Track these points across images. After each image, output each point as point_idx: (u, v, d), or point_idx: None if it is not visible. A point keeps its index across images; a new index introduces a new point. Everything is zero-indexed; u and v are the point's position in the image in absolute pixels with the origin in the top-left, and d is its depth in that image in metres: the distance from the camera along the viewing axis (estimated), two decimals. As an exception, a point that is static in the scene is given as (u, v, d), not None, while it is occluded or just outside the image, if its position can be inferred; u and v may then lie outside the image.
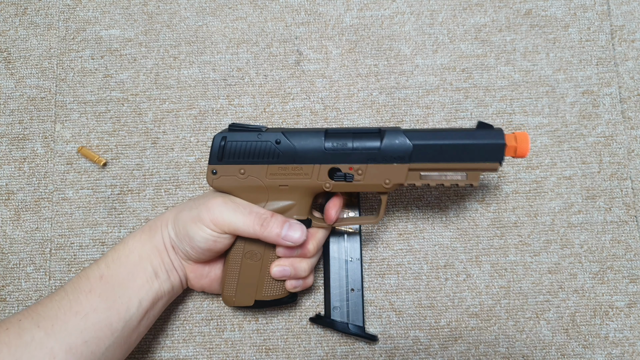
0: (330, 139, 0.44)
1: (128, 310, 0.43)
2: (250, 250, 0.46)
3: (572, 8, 0.57)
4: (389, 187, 0.44)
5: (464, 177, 0.44)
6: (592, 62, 0.56)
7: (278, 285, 0.47)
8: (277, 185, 0.45)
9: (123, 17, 0.58)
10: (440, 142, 0.43)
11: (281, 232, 0.44)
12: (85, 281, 0.43)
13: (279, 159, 0.44)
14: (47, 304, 0.41)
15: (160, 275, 0.45)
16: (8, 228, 0.55)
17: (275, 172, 0.45)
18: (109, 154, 0.55)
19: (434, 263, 0.53)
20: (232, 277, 0.47)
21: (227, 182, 0.45)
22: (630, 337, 0.51)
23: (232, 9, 0.58)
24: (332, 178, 0.45)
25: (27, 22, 0.58)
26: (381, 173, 0.44)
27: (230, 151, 0.45)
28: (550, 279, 0.53)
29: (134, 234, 0.46)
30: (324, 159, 0.44)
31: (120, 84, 0.57)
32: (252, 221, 0.43)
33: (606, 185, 0.54)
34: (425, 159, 0.43)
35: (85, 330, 0.40)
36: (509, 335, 0.52)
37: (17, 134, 0.56)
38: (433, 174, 0.44)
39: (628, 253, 0.53)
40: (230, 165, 0.45)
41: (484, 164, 0.43)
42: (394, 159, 0.44)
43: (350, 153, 0.44)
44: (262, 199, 0.45)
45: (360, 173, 0.44)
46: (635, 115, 0.56)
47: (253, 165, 0.45)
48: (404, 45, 0.57)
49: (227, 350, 0.52)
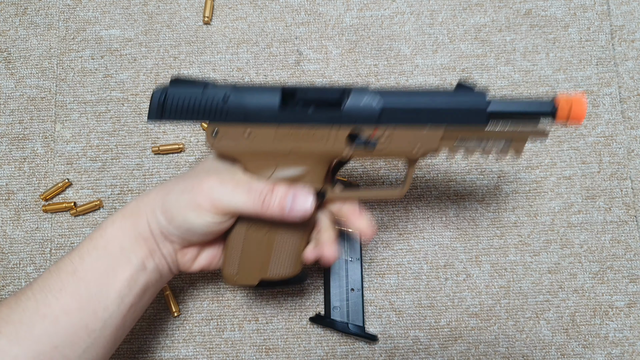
0: (288, 95, 0.39)
1: (106, 309, 0.38)
2: (256, 222, 0.41)
3: (572, 8, 0.57)
4: (418, 155, 0.39)
5: (507, 146, 0.39)
6: (592, 62, 0.56)
7: (287, 263, 0.42)
8: (287, 150, 0.39)
9: (123, 17, 0.58)
10: (413, 106, 0.38)
11: (285, 207, 0.38)
12: (56, 278, 0.38)
13: (226, 118, 0.39)
14: (12, 305, 0.37)
15: (147, 267, 0.39)
16: (8, 228, 0.55)
17: (285, 134, 0.39)
18: (109, 154, 0.55)
19: (434, 263, 0.53)
20: (235, 253, 0.42)
21: (230, 145, 0.39)
22: (630, 337, 0.51)
23: (232, 9, 0.58)
24: (351, 145, 0.39)
25: (27, 22, 0.58)
26: (410, 139, 0.38)
27: (172, 107, 0.39)
28: (550, 279, 0.53)
29: (112, 220, 0.40)
30: (280, 118, 0.38)
31: (120, 84, 0.57)
32: (253, 200, 0.38)
33: (606, 185, 0.54)
34: (397, 121, 0.38)
35: (56, 335, 0.36)
36: (509, 335, 0.52)
37: (17, 134, 0.56)
38: (470, 143, 0.39)
39: (628, 253, 0.53)
40: (234, 126, 0.39)
41: (529, 130, 0.38)
42: (359, 120, 0.38)
43: (308, 112, 0.38)
44: (269, 166, 0.40)
45: (384, 140, 0.38)
46: (635, 115, 0.56)
47: (260, 127, 0.39)
48: (404, 45, 0.57)
49: (227, 350, 0.52)
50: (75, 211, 0.54)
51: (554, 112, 0.38)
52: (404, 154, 0.39)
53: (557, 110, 0.37)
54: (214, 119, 0.39)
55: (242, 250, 0.42)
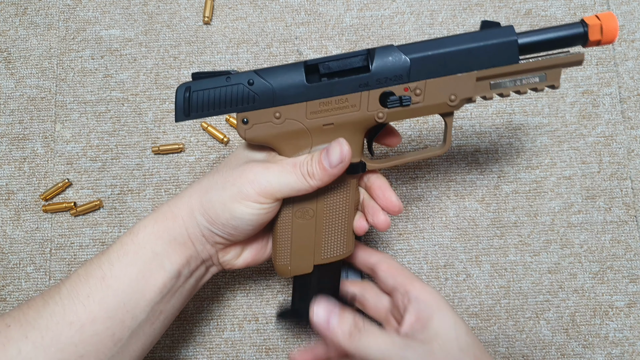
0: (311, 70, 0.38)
1: (135, 318, 0.36)
2: (301, 207, 0.40)
3: (572, 8, 0.57)
4: (455, 105, 0.38)
5: (542, 79, 0.37)
6: (592, 62, 0.56)
7: (339, 241, 0.41)
8: (321, 125, 0.38)
9: (123, 17, 0.58)
10: (441, 51, 0.37)
11: (325, 164, 0.37)
12: (84, 283, 0.36)
13: (255, 103, 0.38)
14: (40, 308, 0.36)
15: (182, 273, 0.38)
16: (8, 228, 0.55)
17: (316, 109, 0.38)
18: (109, 154, 0.56)
19: (434, 263, 0.53)
20: (284, 244, 0.41)
21: (262, 130, 0.38)
22: (630, 337, 0.51)
23: (232, 9, 0.58)
24: (385, 105, 0.38)
25: (27, 22, 0.58)
26: (444, 88, 0.37)
27: (197, 103, 0.38)
28: (550, 279, 0.53)
29: (144, 224, 0.38)
30: (307, 94, 0.38)
31: (120, 84, 0.57)
32: (300, 175, 0.37)
33: (606, 185, 0.54)
34: (427, 73, 0.37)
35: (81, 344, 0.35)
36: (509, 335, 0.52)
37: (17, 134, 0.56)
38: (505, 81, 0.37)
39: (628, 253, 0.53)
40: (263, 110, 0.38)
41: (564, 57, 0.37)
42: (390, 81, 0.37)
43: (336, 82, 0.37)
44: (305, 145, 0.39)
45: (418, 93, 0.37)
46: (635, 115, 0.56)
47: (289, 106, 0.38)
48: (404, 45, 0.57)
49: (227, 350, 0.52)
50: (75, 211, 0.54)
51: (585, 33, 0.36)
52: (441, 106, 0.38)
53: (588, 30, 0.36)
54: (242, 108, 0.38)
55: (292, 239, 0.41)
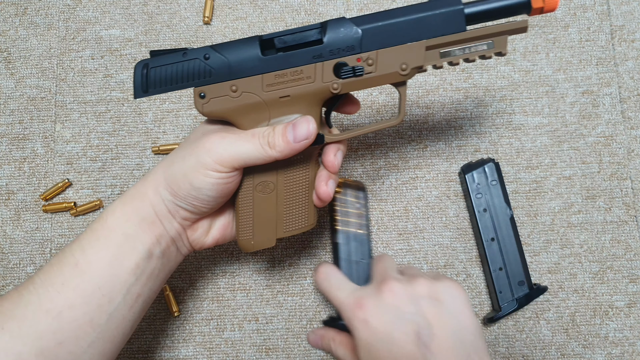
0: (267, 45, 0.39)
1: (112, 301, 0.36)
2: (262, 181, 0.41)
3: (572, 8, 0.57)
4: (407, 74, 0.39)
5: (490, 46, 0.38)
6: (592, 62, 0.56)
7: (301, 215, 0.42)
8: (278, 97, 0.39)
9: (123, 17, 0.58)
10: (391, 22, 0.38)
11: (289, 138, 0.37)
12: (57, 271, 0.36)
13: (211, 77, 0.39)
14: (15, 299, 0.36)
15: (154, 253, 0.38)
16: (8, 228, 0.55)
17: (272, 81, 0.39)
18: (109, 154, 0.56)
19: (434, 263, 0.53)
20: (247, 219, 0.42)
21: (219, 104, 0.39)
22: (630, 337, 0.51)
23: (232, 9, 0.58)
24: (339, 76, 0.39)
25: (27, 22, 0.58)
26: (395, 58, 0.38)
27: (155, 79, 0.39)
28: (550, 279, 0.53)
29: (112, 208, 0.38)
30: (262, 67, 0.38)
31: (120, 84, 0.57)
32: (258, 144, 0.38)
33: (606, 185, 0.54)
34: (378, 43, 0.38)
35: (60, 331, 0.35)
36: (509, 335, 0.52)
37: (17, 134, 0.56)
38: (454, 49, 0.38)
39: (628, 253, 0.53)
40: (219, 84, 0.39)
41: (508, 24, 0.38)
42: (342, 51, 0.38)
43: (290, 54, 0.38)
44: (263, 119, 0.39)
45: (370, 63, 0.38)
46: (635, 115, 0.56)
47: (245, 79, 0.39)
48: (404, 45, 0.57)
49: (227, 350, 0.52)
50: (75, 211, 0.54)
51: (528, 1, 0.38)
52: (393, 75, 0.39)
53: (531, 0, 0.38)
54: (199, 82, 0.39)
55: (254, 213, 0.41)
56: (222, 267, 0.53)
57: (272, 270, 0.53)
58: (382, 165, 0.55)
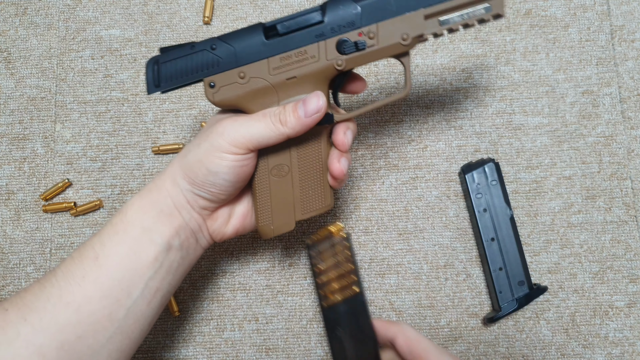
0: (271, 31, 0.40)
1: (130, 295, 0.37)
2: (276, 164, 0.42)
3: (572, 8, 0.57)
4: (408, 44, 0.39)
5: (488, 10, 0.39)
6: (592, 62, 0.56)
7: (319, 195, 0.43)
8: (284, 79, 0.40)
9: (123, 17, 0.58)
10: None
11: (300, 114, 0.38)
12: (78, 264, 0.37)
13: (219, 66, 0.40)
14: (37, 291, 0.36)
15: (173, 245, 0.38)
16: (8, 228, 0.55)
17: (278, 64, 0.40)
18: (109, 153, 0.56)
19: (434, 263, 0.53)
20: (265, 203, 0.42)
21: (229, 91, 0.40)
22: (630, 337, 0.51)
23: (232, 9, 0.58)
24: (343, 52, 0.40)
25: (27, 22, 0.58)
26: (396, 29, 0.39)
27: (166, 73, 0.41)
28: (550, 279, 0.53)
29: (132, 202, 0.39)
30: (267, 51, 0.40)
31: (120, 84, 0.57)
32: (270, 122, 0.38)
33: (606, 185, 0.54)
34: (378, 17, 0.39)
35: (79, 324, 0.35)
36: (509, 335, 0.52)
37: (17, 134, 0.56)
38: (453, 16, 0.39)
39: (628, 253, 0.53)
40: (227, 72, 0.40)
41: None
42: (343, 28, 0.39)
43: (293, 36, 0.40)
44: (272, 102, 0.41)
45: (372, 36, 0.39)
46: (635, 115, 0.56)
47: (251, 64, 0.40)
48: (404, 45, 0.57)
49: (227, 350, 0.52)
50: (75, 211, 0.54)
51: None
52: (395, 46, 0.39)
53: None
54: (207, 72, 0.40)
55: (271, 197, 0.42)
56: (222, 267, 0.53)
57: (272, 270, 0.53)
58: (382, 165, 0.55)
